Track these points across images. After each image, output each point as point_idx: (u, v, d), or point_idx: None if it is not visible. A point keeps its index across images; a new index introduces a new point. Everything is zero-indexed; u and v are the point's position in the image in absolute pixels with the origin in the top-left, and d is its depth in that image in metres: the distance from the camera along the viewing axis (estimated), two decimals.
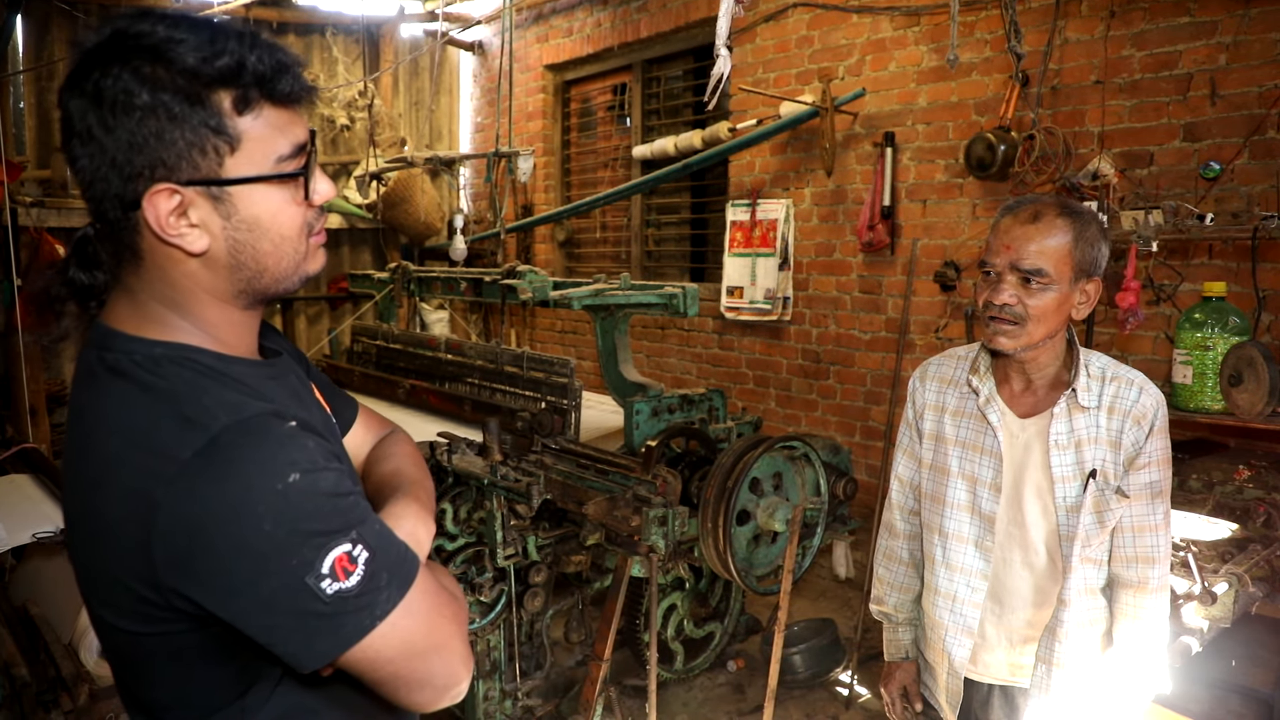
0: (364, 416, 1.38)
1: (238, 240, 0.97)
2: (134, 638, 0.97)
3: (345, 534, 0.91)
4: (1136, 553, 1.73)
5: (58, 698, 2.33)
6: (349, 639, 0.91)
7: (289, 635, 0.90)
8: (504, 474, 2.63)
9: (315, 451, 0.93)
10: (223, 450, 0.88)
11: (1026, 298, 1.66)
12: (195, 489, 0.87)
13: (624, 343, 3.56)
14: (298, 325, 6.97)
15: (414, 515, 1.15)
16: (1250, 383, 2.72)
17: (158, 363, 0.96)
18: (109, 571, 0.94)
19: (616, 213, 6.51)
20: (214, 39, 0.91)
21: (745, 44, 5.19)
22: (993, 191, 4.13)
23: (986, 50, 4.11)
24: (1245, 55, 3.33)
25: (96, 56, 0.90)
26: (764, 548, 2.68)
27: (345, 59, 7.02)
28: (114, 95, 0.89)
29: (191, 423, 0.90)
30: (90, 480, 0.94)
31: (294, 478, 0.89)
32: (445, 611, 1.00)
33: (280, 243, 1.00)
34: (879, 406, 4.72)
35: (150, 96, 0.89)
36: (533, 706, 3.07)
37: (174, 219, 0.93)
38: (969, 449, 1.83)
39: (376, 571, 0.92)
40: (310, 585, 0.88)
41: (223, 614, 0.90)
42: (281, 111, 0.97)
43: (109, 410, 0.94)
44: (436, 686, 0.99)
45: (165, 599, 0.91)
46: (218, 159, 0.93)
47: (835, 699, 3.57)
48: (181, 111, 0.90)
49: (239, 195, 0.95)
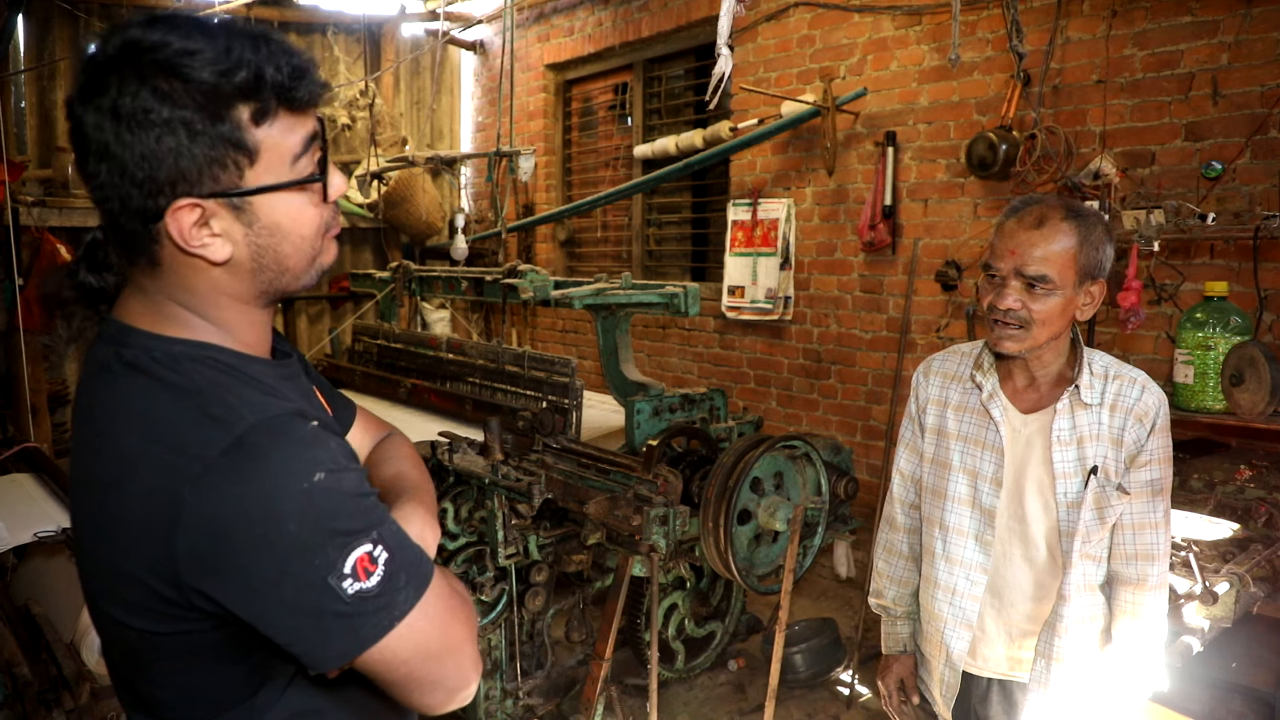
0: (362, 418, 1.38)
1: (260, 246, 0.97)
2: (147, 635, 0.97)
3: (367, 534, 0.91)
4: (1136, 550, 1.74)
5: (59, 696, 2.33)
6: (367, 640, 0.91)
7: (307, 635, 0.90)
8: (505, 473, 2.63)
9: (338, 452, 0.94)
10: (249, 449, 0.88)
11: (1031, 302, 1.66)
12: (222, 488, 0.87)
13: (625, 342, 3.56)
14: (299, 325, 6.97)
15: (421, 519, 1.15)
16: (1252, 382, 2.72)
17: (178, 360, 0.95)
18: (124, 568, 0.93)
19: (618, 212, 6.51)
20: (230, 49, 0.90)
21: (746, 43, 5.19)
22: (994, 191, 4.12)
23: (988, 49, 4.11)
24: (1247, 55, 3.32)
25: (110, 68, 0.89)
26: (765, 547, 2.68)
27: (346, 58, 7.02)
28: (132, 112, 0.87)
29: (217, 421, 0.90)
30: (107, 477, 0.94)
31: (319, 477, 0.89)
32: (459, 614, 1.00)
33: (301, 244, 1.01)
34: (880, 406, 4.72)
35: (170, 113, 0.88)
36: (534, 705, 3.08)
37: (197, 230, 0.93)
38: (971, 444, 1.84)
39: (395, 572, 0.92)
40: (332, 585, 0.88)
41: (244, 613, 0.90)
42: (296, 116, 0.97)
43: (128, 407, 0.94)
44: (448, 688, 1.00)
45: (185, 597, 0.91)
46: (238, 172, 0.93)
47: (836, 698, 3.57)
48: (202, 128, 0.89)
49: (259, 203, 0.95)
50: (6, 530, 2.86)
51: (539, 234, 7.04)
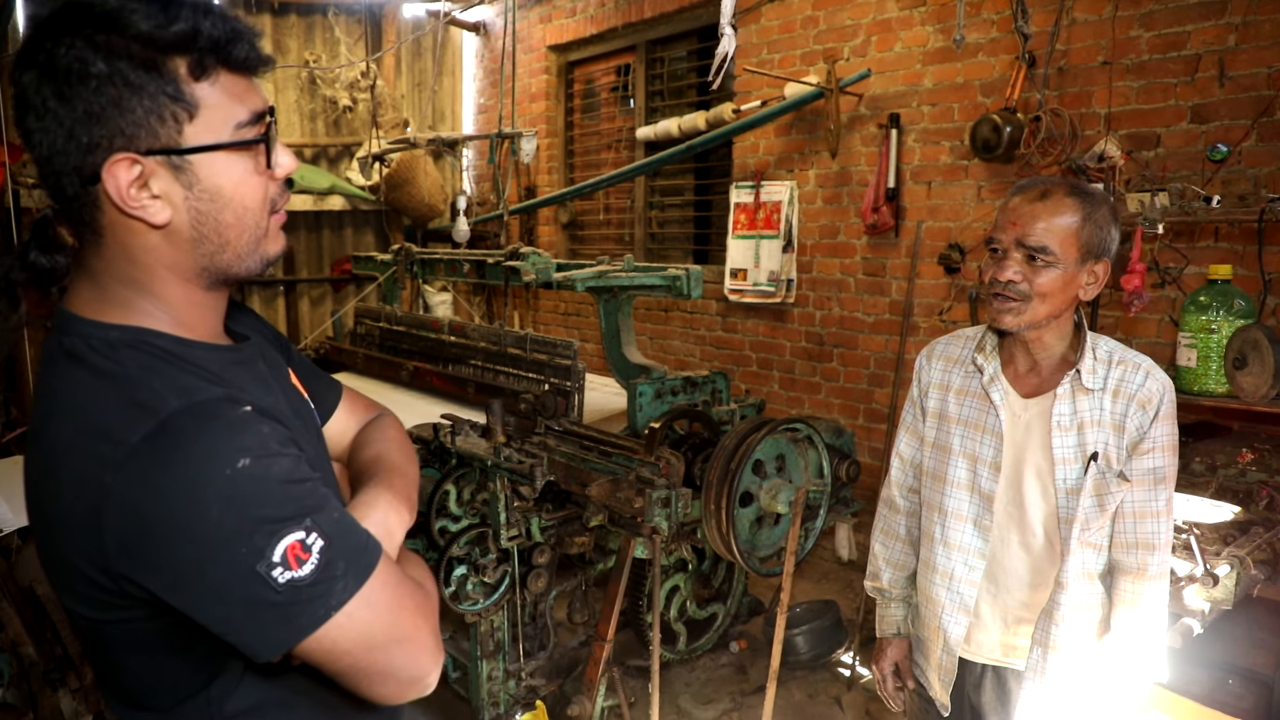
0: (349, 401, 1.35)
1: (200, 211, 0.96)
2: (96, 625, 0.96)
3: (298, 521, 0.89)
4: (1137, 538, 1.72)
5: (64, 676, 2.35)
6: (303, 629, 0.89)
7: (241, 625, 0.89)
8: (507, 456, 2.64)
9: (269, 437, 0.91)
10: (171, 435, 0.87)
11: (1031, 275, 1.66)
12: (144, 474, 0.86)
13: (627, 325, 3.56)
14: (301, 307, 6.97)
15: (386, 504, 1.12)
16: (1255, 365, 2.72)
17: (113, 347, 0.94)
18: (66, 558, 0.93)
19: (620, 194, 6.49)
20: (167, 7, 0.90)
21: (750, 24, 5.15)
22: (998, 173, 4.10)
23: (993, 31, 4.08)
24: (1254, 36, 3.30)
25: (49, 28, 0.89)
26: (767, 530, 2.68)
27: (347, 39, 6.98)
28: (68, 65, 0.87)
29: (141, 407, 0.88)
30: (44, 467, 0.93)
31: (244, 463, 0.87)
32: (408, 603, 0.97)
33: (243, 214, 0.98)
34: (882, 389, 4.72)
35: (106, 65, 0.88)
36: (536, 687, 3.09)
37: (135, 190, 0.92)
38: (971, 428, 1.84)
39: (332, 560, 0.90)
40: (261, 573, 0.86)
41: (174, 602, 0.89)
42: (239, 79, 0.96)
43: (64, 396, 0.93)
44: (400, 680, 0.97)
45: (118, 585, 0.90)
46: (176, 127, 0.92)
47: (837, 680, 3.59)
48: (138, 79, 0.89)
49: (200, 164, 0.94)
50: (10, 512, 2.87)
51: (541, 216, 7.02)
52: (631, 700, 3.02)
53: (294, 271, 6.92)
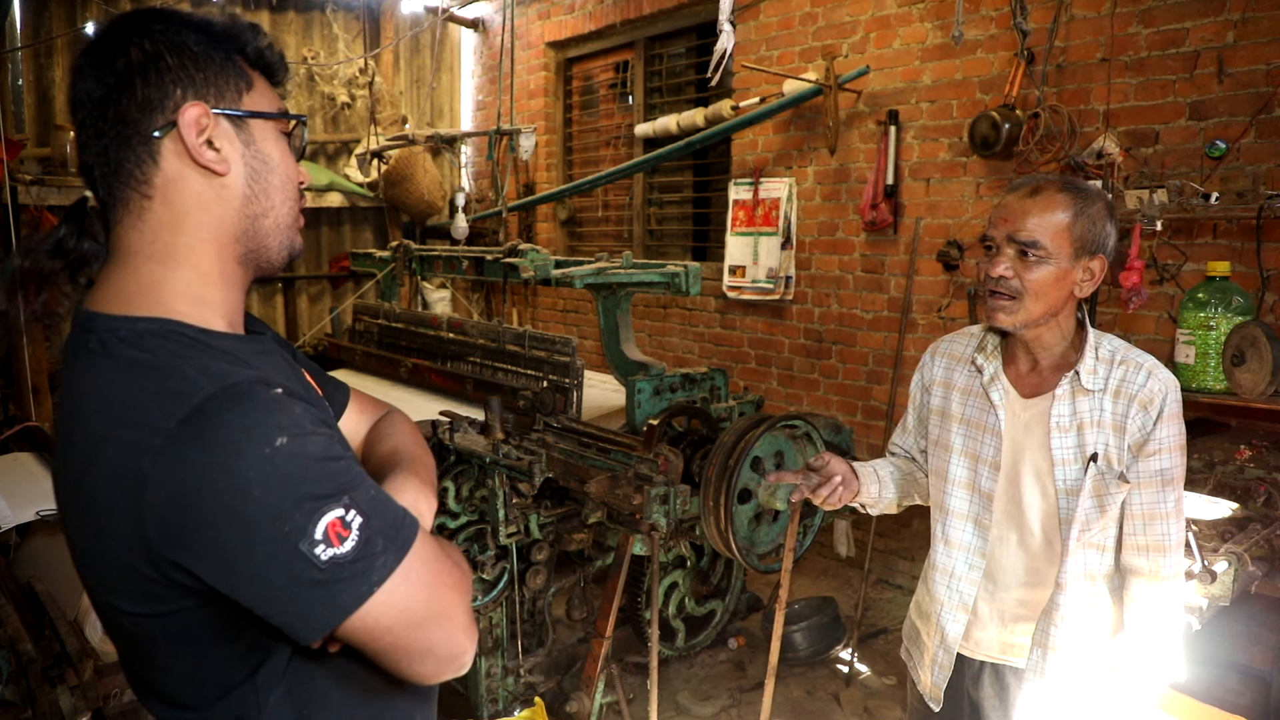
0: (357, 400, 1.37)
1: (254, 170, 1.04)
2: (141, 620, 0.96)
3: (337, 498, 0.89)
4: (1147, 541, 1.71)
5: (63, 673, 2.35)
6: (346, 607, 0.90)
7: (286, 606, 0.89)
8: (506, 452, 2.64)
9: (303, 416, 0.92)
10: (208, 417, 0.87)
11: (1023, 271, 1.66)
12: (182, 458, 0.86)
13: (626, 321, 3.56)
14: (299, 304, 6.96)
15: (414, 488, 1.13)
16: (1253, 362, 2.72)
17: (141, 337, 0.95)
18: (108, 553, 0.93)
19: (618, 191, 6.48)
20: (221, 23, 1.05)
21: (748, 21, 5.15)
22: (997, 170, 4.10)
23: (992, 27, 4.08)
24: (1253, 32, 3.30)
25: (121, 28, 0.99)
26: (765, 526, 2.69)
27: (345, 36, 6.96)
28: (142, 50, 0.98)
29: (175, 393, 0.89)
30: (79, 463, 0.93)
31: (281, 442, 0.88)
32: (446, 579, 0.98)
33: (286, 183, 1.08)
34: (881, 386, 4.72)
35: (178, 51, 1.00)
36: (535, 683, 3.10)
37: (203, 145, 0.99)
38: (973, 427, 1.84)
39: (372, 537, 0.91)
40: (304, 552, 0.87)
41: (220, 586, 0.89)
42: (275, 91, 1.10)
43: (93, 390, 0.93)
44: (439, 657, 0.98)
45: (164, 574, 0.90)
46: (237, 94, 1.03)
47: (836, 676, 3.59)
48: (212, 50, 1.02)
49: (256, 129, 1.05)
50: (9, 508, 2.87)
51: (540, 213, 7.02)
52: (630, 697, 3.02)
53: (292, 268, 6.91)
